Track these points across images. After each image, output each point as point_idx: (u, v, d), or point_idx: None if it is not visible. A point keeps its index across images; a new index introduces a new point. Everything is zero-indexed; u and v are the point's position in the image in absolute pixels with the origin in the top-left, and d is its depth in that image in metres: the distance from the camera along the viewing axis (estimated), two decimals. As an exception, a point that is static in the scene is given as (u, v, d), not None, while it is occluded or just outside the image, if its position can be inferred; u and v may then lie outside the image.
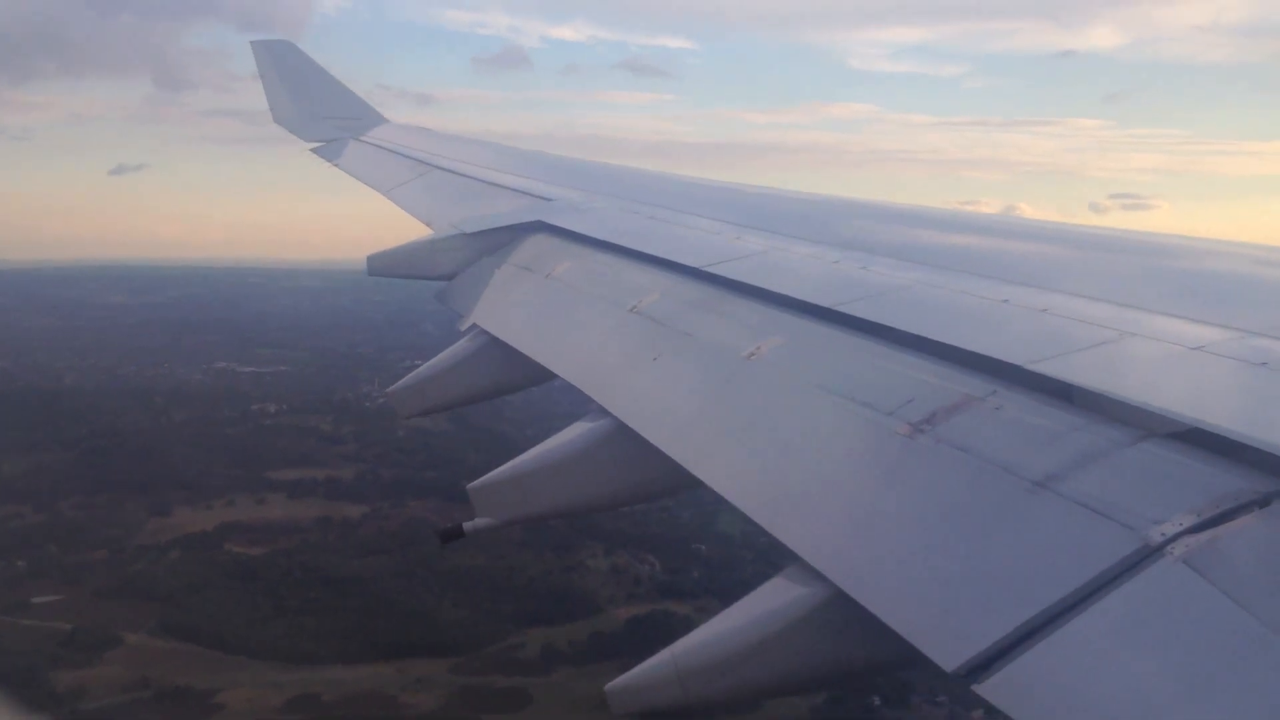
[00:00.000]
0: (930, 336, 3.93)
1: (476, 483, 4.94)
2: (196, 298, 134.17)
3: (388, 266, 7.92)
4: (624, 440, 4.46)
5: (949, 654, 2.54)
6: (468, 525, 4.96)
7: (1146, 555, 2.49)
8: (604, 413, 4.72)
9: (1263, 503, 2.53)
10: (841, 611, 2.99)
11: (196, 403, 72.11)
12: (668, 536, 52.04)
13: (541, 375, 5.81)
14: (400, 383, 6.78)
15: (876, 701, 38.44)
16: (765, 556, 50.44)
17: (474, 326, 6.63)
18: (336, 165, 12.54)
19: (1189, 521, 2.53)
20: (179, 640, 41.46)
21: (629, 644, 41.89)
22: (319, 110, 14.68)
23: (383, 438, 66.48)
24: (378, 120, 14.70)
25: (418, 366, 6.82)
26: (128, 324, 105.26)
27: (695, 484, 3.93)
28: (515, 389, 6.74)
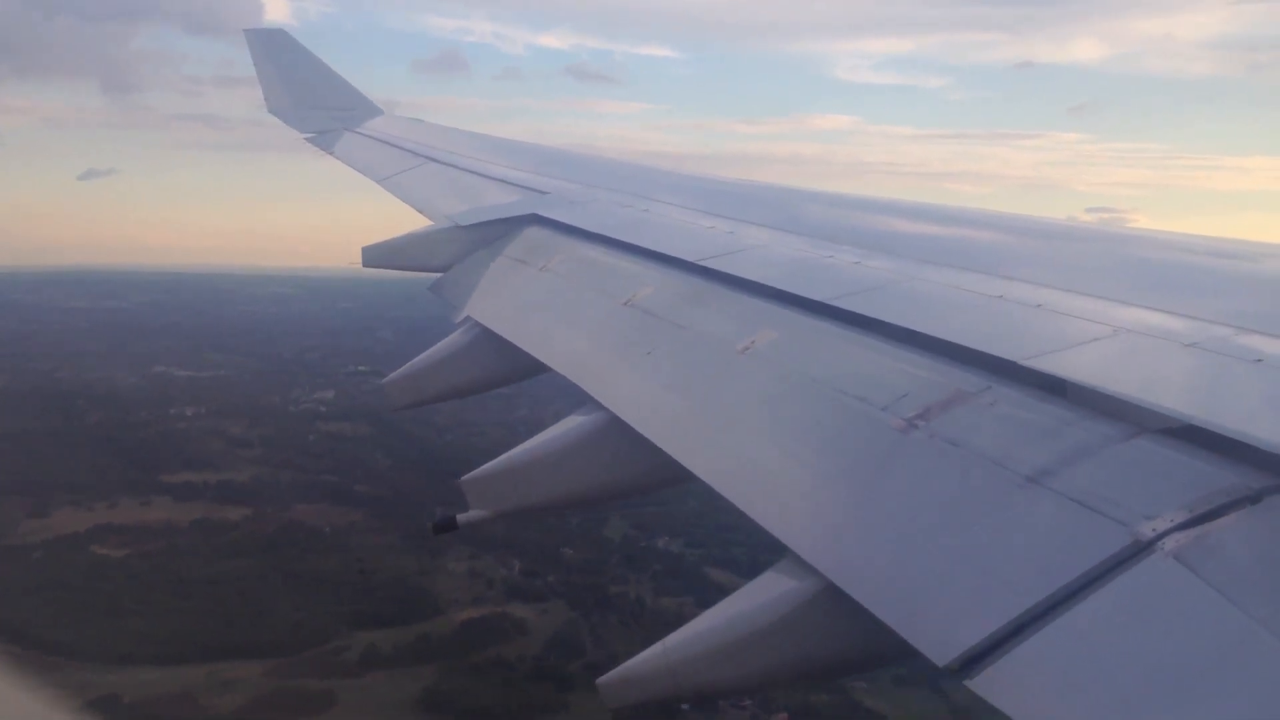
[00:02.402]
0: (924, 331, 3.93)
1: (469, 475, 4.93)
2: (160, 303, 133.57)
3: (382, 258, 7.90)
4: (617, 433, 4.46)
5: (941, 648, 2.54)
6: (461, 517, 4.95)
7: (1138, 550, 2.50)
8: (598, 406, 4.72)
9: (1254, 499, 2.53)
10: (834, 605, 2.99)
11: (117, 405, 71.68)
12: (539, 541, 51.85)
13: (535, 368, 5.81)
14: (394, 375, 6.77)
15: (685, 705, 38.43)
16: (633, 562, 50.65)
17: (468, 319, 6.62)
18: (332, 155, 12.49)
19: (1180, 517, 2.53)
20: (1, 641, 40.27)
21: (454, 647, 42.26)
22: (314, 100, 14.63)
23: (293, 441, 66.68)
24: (374, 111, 14.64)
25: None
26: (79, 328, 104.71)
27: (688, 477, 3.93)
28: (508, 381, 6.73)
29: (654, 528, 53.14)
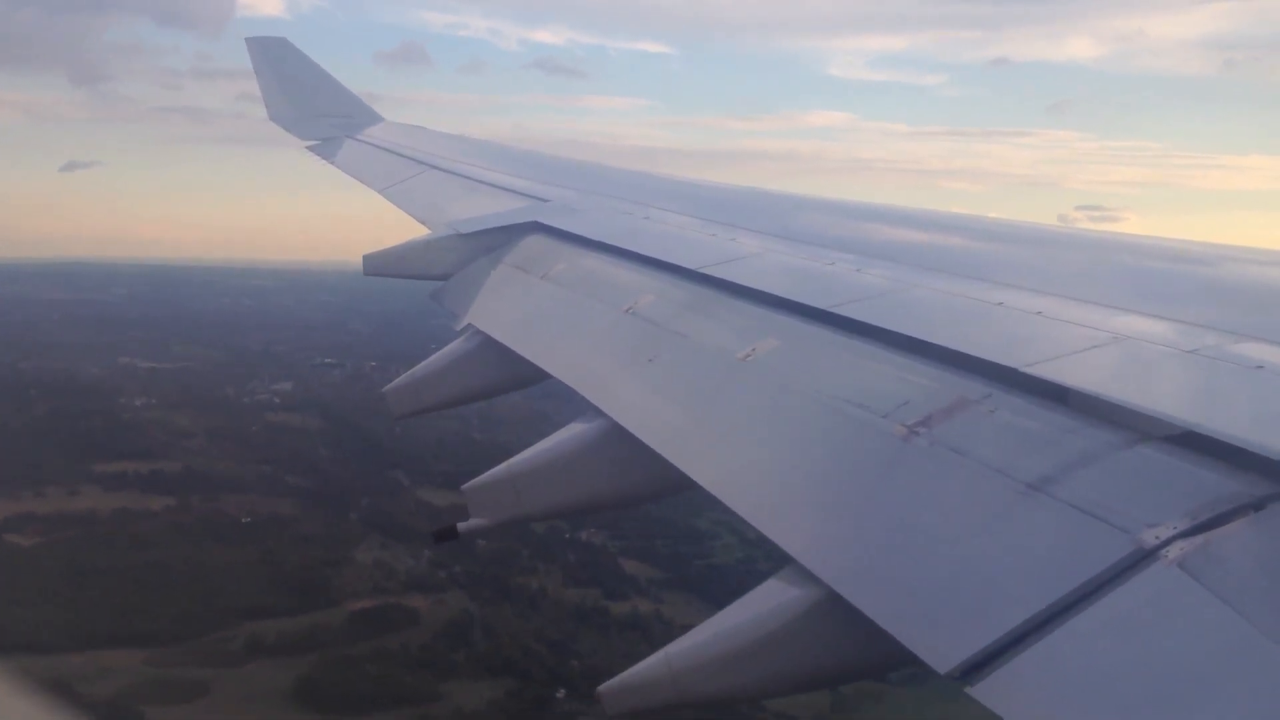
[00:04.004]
0: (925, 339, 3.93)
1: (471, 483, 4.93)
2: (140, 296, 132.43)
3: (383, 266, 7.91)
4: (619, 441, 4.46)
5: (942, 656, 2.54)
6: (462, 525, 4.95)
7: (1140, 558, 2.49)
8: (599, 414, 4.72)
9: (1257, 506, 2.53)
10: (835, 613, 2.99)
11: (71, 396, 70.99)
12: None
13: (536, 376, 5.81)
14: (395, 382, 6.78)
15: (561, 693, 38.07)
16: (547, 553, 50.07)
17: (469, 327, 6.63)
18: (332, 164, 12.51)
19: (1183, 525, 2.53)
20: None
21: (340, 637, 42.30)
22: (315, 108, 14.65)
23: (236, 432, 66.19)
24: (374, 119, 14.67)
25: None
26: (52, 320, 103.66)
27: (689, 485, 3.93)
28: (510, 389, 6.74)
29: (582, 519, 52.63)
